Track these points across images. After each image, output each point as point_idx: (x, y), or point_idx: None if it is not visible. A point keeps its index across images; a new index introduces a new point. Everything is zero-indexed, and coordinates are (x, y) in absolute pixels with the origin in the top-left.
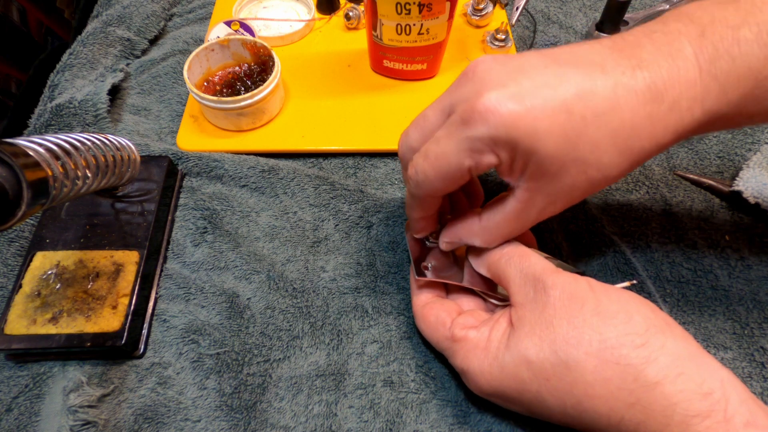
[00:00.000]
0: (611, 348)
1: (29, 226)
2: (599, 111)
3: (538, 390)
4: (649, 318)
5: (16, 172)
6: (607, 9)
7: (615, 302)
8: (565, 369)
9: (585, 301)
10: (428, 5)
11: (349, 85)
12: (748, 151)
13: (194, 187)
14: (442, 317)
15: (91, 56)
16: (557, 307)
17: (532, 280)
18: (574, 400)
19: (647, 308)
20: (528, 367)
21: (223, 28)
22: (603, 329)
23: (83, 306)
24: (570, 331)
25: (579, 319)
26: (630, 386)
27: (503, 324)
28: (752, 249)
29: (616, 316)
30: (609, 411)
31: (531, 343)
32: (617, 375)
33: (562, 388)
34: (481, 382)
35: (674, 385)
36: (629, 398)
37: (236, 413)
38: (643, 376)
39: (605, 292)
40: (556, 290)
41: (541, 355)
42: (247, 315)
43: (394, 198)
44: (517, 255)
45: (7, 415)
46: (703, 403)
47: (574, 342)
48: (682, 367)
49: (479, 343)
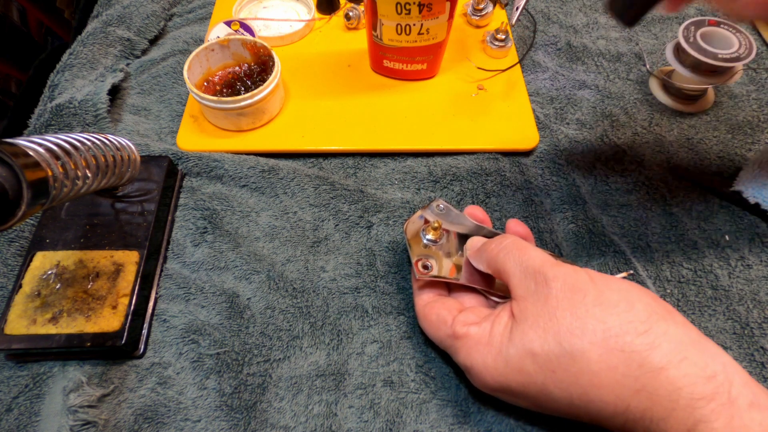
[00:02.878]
0: (615, 336)
1: (29, 226)
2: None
3: (544, 382)
4: (650, 305)
5: (16, 172)
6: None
7: (616, 292)
8: (571, 359)
9: (586, 291)
10: (428, 5)
11: (349, 85)
12: (748, 151)
13: (194, 187)
14: (444, 315)
15: (91, 56)
16: (559, 299)
17: (533, 273)
18: (580, 390)
19: (648, 296)
20: (533, 359)
21: (223, 28)
22: (606, 318)
23: (83, 306)
24: (573, 321)
25: (582, 310)
26: (635, 373)
27: (504, 318)
28: (752, 249)
29: (618, 304)
30: (615, 399)
31: (535, 335)
32: (622, 362)
33: (568, 379)
34: (486, 377)
35: (678, 369)
36: (635, 385)
37: (236, 413)
38: (648, 362)
39: (606, 282)
40: (558, 282)
41: (545, 347)
42: (247, 315)
43: (394, 198)
44: (515, 249)
45: (7, 415)
46: (708, 386)
47: (578, 332)
48: (685, 352)
49: (481, 338)
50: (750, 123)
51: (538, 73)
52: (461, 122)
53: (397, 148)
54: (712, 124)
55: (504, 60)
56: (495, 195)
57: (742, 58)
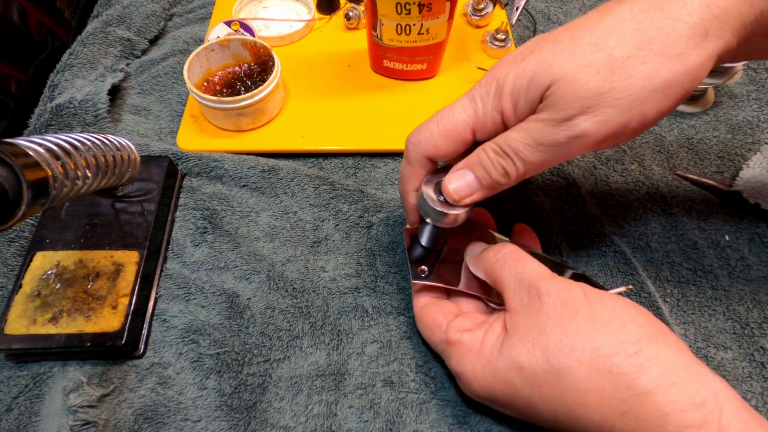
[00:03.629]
0: (604, 356)
1: (29, 226)
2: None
3: (530, 396)
4: (642, 326)
5: (16, 172)
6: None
7: (609, 310)
8: (557, 376)
9: (579, 308)
10: (428, 5)
11: (349, 85)
12: (748, 151)
13: (194, 187)
14: (439, 320)
15: (91, 56)
16: (551, 315)
17: (527, 286)
18: (565, 408)
19: (641, 316)
20: (520, 373)
21: (223, 28)
22: (596, 337)
23: (83, 306)
24: (563, 338)
25: (572, 327)
26: (622, 395)
27: (497, 328)
28: (752, 249)
29: (609, 324)
30: (601, 419)
31: (524, 349)
32: (609, 383)
33: (553, 396)
34: (474, 385)
35: (666, 395)
36: (621, 407)
37: (236, 413)
38: (636, 385)
39: (599, 300)
40: (550, 297)
41: (533, 362)
42: (247, 315)
43: (394, 198)
44: (512, 259)
45: (7, 415)
46: (696, 413)
47: (566, 350)
48: (675, 377)
49: (473, 346)
50: (750, 123)
51: None
52: None
53: (398, 148)
54: (712, 124)
55: None
56: (495, 195)
57: None
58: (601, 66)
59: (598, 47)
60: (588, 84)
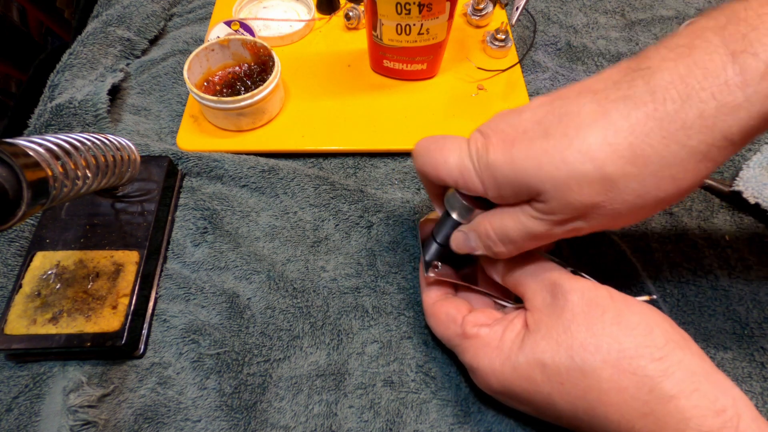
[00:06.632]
0: (629, 358)
1: (29, 226)
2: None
3: (550, 393)
4: (668, 333)
5: (16, 172)
6: None
7: (636, 314)
8: (581, 374)
9: (605, 309)
10: (428, 5)
11: (349, 85)
12: (748, 151)
13: (194, 187)
14: (453, 314)
15: (91, 56)
16: (576, 313)
17: (549, 285)
18: (586, 405)
19: (667, 323)
20: (542, 369)
21: (223, 28)
22: (622, 339)
23: (83, 306)
24: (588, 337)
25: (598, 327)
26: (645, 397)
27: (518, 325)
28: (752, 249)
29: (636, 327)
30: (621, 418)
31: (547, 346)
32: (633, 385)
33: (575, 393)
34: (492, 380)
35: (689, 400)
36: (643, 408)
37: (236, 413)
38: (659, 389)
39: (626, 303)
40: (575, 295)
41: (556, 358)
42: (247, 315)
43: (394, 198)
44: (530, 260)
45: (7, 415)
46: (716, 420)
47: (591, 349)
48: (698, 383)
49: (491, 341)
50: None
51: (538, 73)
52: (461, 122)
53: (397, 148)
54: None
55: (504, 60)
56: None
57: None
58: (594, 180)
59: (589, 157)
60: (581, 197)
